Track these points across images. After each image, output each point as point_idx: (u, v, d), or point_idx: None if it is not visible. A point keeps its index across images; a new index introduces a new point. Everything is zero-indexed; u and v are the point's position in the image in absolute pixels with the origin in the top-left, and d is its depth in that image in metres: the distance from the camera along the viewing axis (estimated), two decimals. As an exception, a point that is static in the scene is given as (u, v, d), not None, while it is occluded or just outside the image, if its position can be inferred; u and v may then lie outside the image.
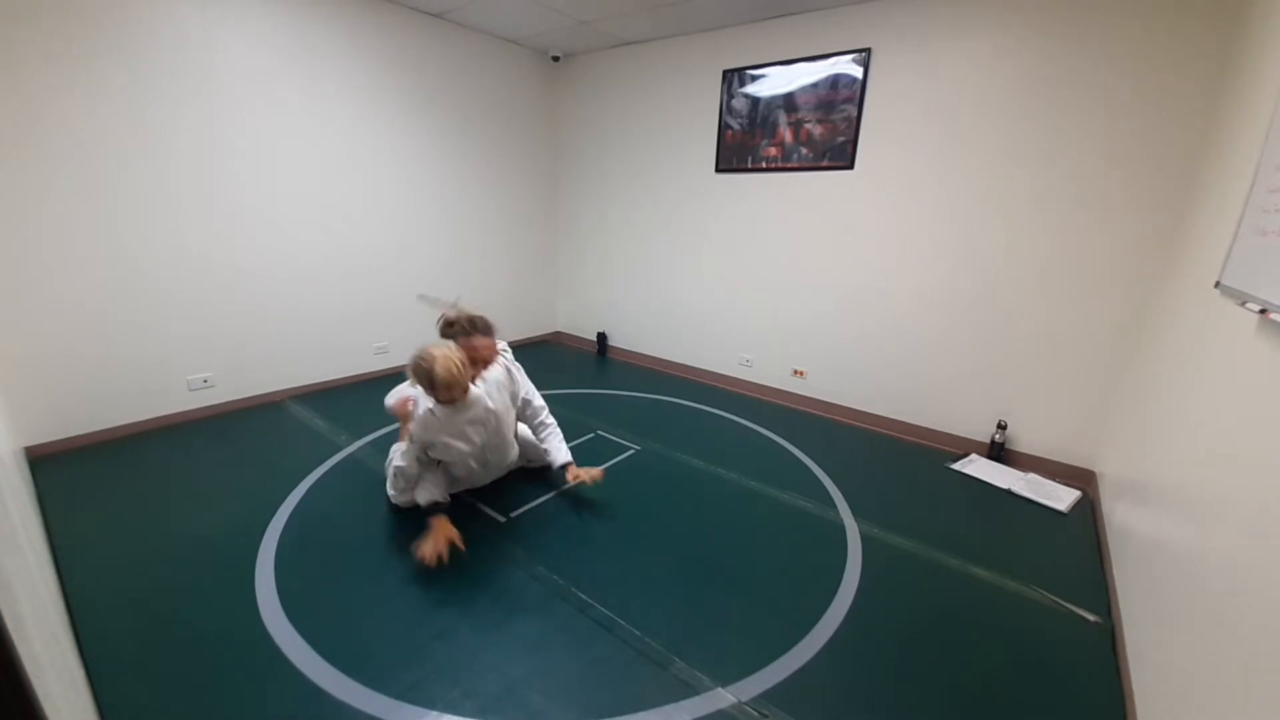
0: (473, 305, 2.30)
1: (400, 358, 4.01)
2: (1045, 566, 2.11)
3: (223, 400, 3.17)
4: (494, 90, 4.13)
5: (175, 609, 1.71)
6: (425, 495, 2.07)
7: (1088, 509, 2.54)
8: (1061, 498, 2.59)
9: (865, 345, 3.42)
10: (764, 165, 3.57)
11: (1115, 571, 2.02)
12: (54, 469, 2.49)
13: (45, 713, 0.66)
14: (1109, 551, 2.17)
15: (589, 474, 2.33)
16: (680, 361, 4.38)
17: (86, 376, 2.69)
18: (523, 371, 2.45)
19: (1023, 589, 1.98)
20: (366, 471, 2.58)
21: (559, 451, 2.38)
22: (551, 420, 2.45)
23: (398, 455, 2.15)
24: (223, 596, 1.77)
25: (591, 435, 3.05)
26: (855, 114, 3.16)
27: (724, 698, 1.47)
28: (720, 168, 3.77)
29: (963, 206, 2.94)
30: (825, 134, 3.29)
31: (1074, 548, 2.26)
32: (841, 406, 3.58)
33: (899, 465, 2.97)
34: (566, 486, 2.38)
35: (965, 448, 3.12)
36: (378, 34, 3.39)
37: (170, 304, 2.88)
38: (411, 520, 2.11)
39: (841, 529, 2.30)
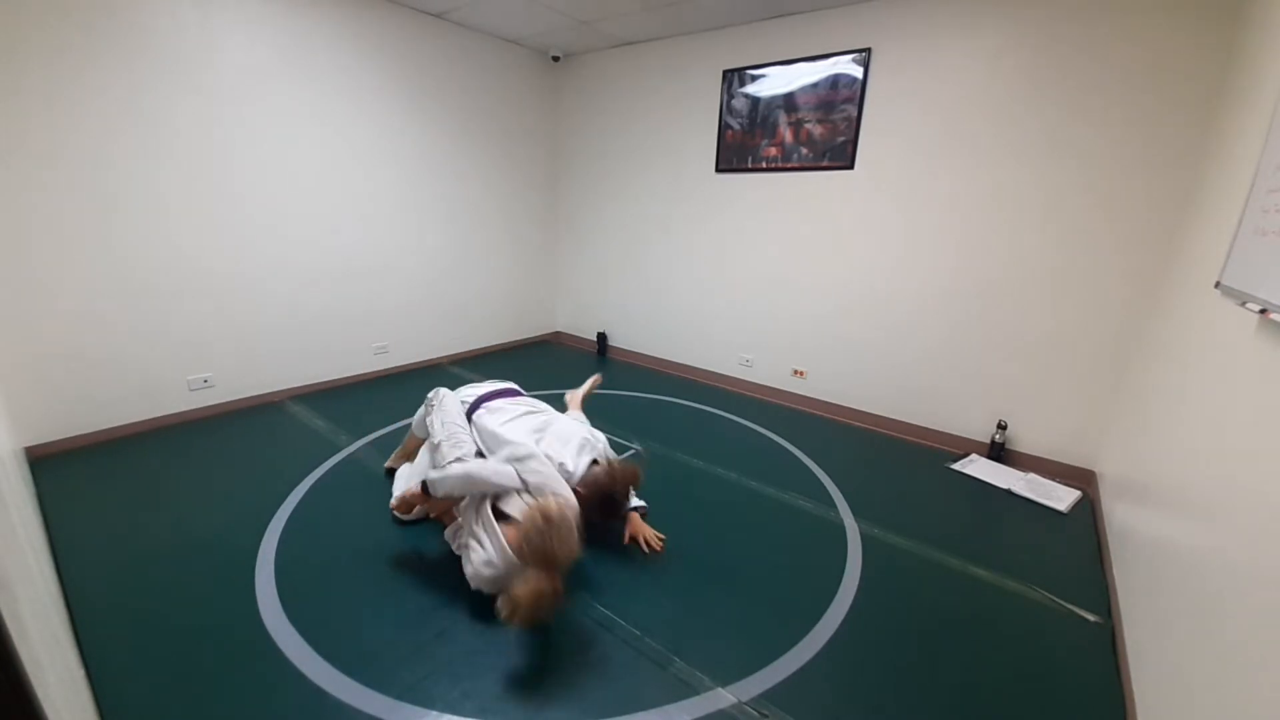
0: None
1: (400, 358, 4.06)
2: (1045, 566, 2.11)
3: (223, 400, 3.17)
4: (494, 90, 4.13)
5: (175, 609, 1.71)
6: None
7: (1088, 509, 2.54)
8: (1061, 498, 2.59)
9: (866, 345, 3.42)
10: (764, 165, 3.57)
11: (1115, 571, 2.02)
12: (54, 469, 2.49)
13: (45, 713, 0.66)
14: (1109, 551, 2.17)
15: (650, 537, 2.05)
16: (680, 361, 4.38)
17: (87, 377, 2.69)
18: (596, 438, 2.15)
19: (1023, 589, 1.98)
20: (366, 472, 2.58)
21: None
22: None
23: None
24: (223, 597, 1.77)
25: (591, 435, 3.05)
26: (855, 114, 3.16)
27: (724, 698, 1.47)
28: (720, 168, 3.77)
29: (963, 206, 2.94)
30: (825, 134, 3.29)
31: (1074, 548, 2.26)
32: (841, 406, 3.58)
33: (899, 465, 2.97)
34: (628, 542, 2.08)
35: (965, 448, 3.12)
36: (377, 34, 3.39)
37: (170, 304, 2.88)
38: (412, 522, 2.12)
39: (841, 529, 2.30)
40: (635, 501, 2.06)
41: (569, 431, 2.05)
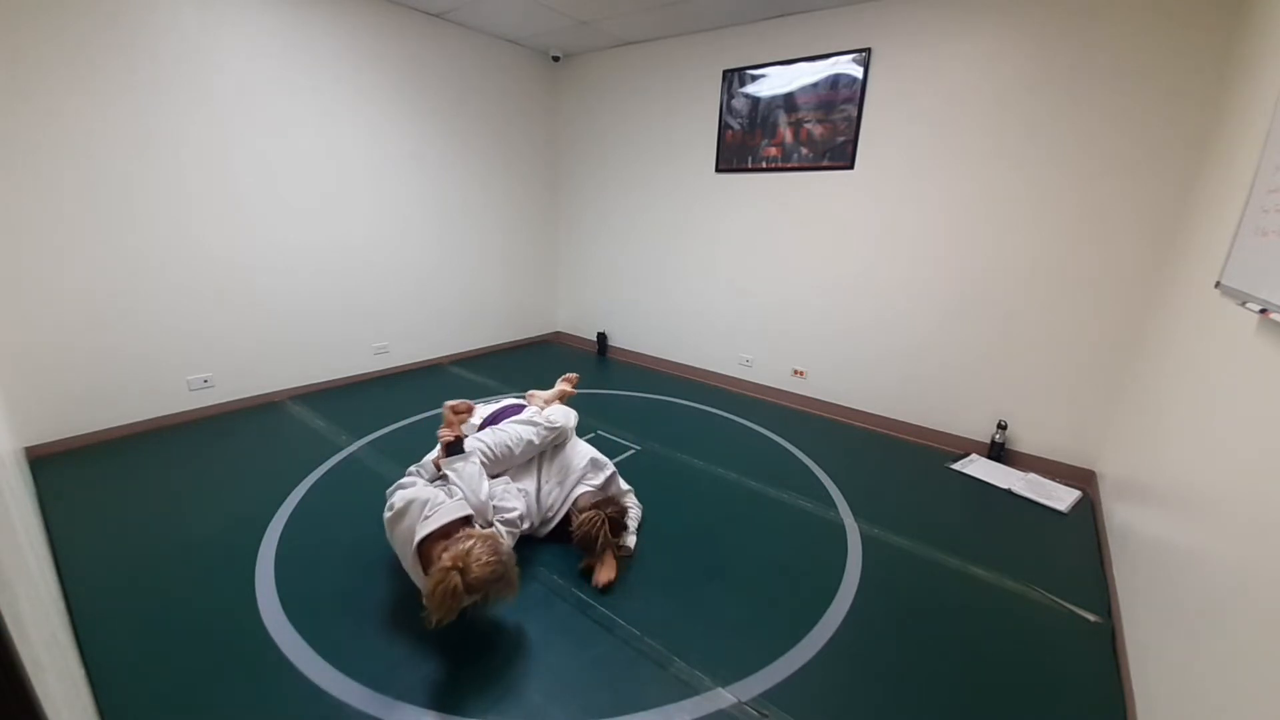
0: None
1: (400, 358, 4.06)
2: (1045, 566, 2.11)
3: (223, 400, 3.17)
4: (494, 90, 4.13)
5: (175, 609, 1.71)
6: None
7: (1088, 509, 2.54)
8: (1061, 498, 2.59)
9: (865, 345, 3.42)
10: (764, 165, 3.57)
11: (1115, 571, 2.02)
12: (54, 469, 2.49)
13: (45, 713, 0.66)
14: (1109, 551, 2.17)
15: (602, 576, 1.87)
16: (680, 361, 4.38)
17: (87, 377, 2.69)
18: (611, 478, 2.19)
19: (1023, 589, 1.98)
20: (367, 472, 2.58)
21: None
22: (637, 508, 2.22)
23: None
24: (223, 597, 1.77)
25: (592, 435, 3.05)
26: (855, 114, 3.16)
27: (724, 698, 1.47)
28: (720, 168, 3.77)
29: (963, 207, 2.94)
30: (825, 134, 3.29)
31: (1074, 548, 2.26)
32: (841, 406, 3.58)
33: (899, 465, 2.97)
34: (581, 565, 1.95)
35: (965, 448, 3.12)
36: (377, 34, 3.39)
37: (170, 305, 2.88)
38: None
39: (841, 529, 2.30)
40: (630, 539, 2.03)
41: (567, 464, 2.14)
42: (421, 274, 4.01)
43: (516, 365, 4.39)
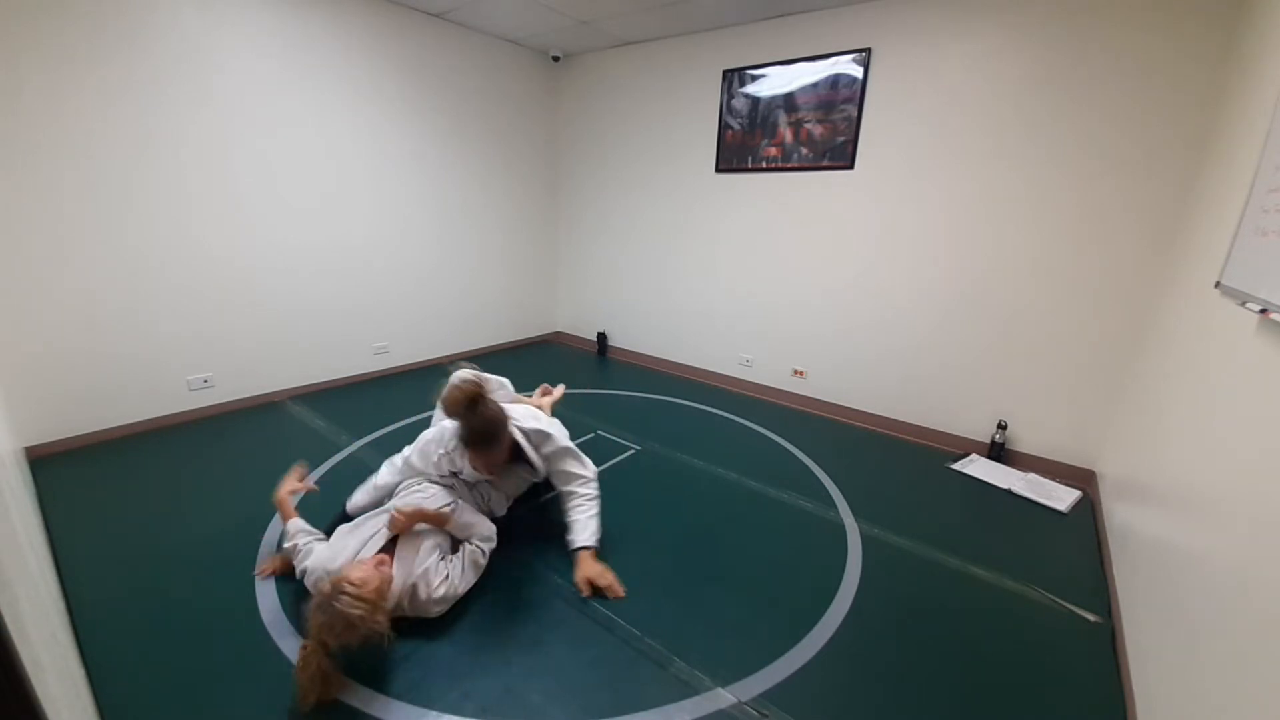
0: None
1: (400, 358, 4.06)
2: (1045, 566, 2.11)
3: (223, 400, 3.17)
4: (494, 90, 4.13)
5: (175, 609, 1.71)
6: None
7: (1088, 509, 2.54)
8: (1061, 498, 2.59)
9: (865, 345, 3.42)
10: (764, 165, 3.57)
11: (1115, 571, 2.02)
12: (54, 469, 2.49)
13: (45, 713, 0.66)
14: (1109, 551, 2.17)
15: (608, 583, 1.82)
16: (680, 361, 4.38)
17: (87, 377, 2.69)
18: (541, 433, 1.97)
19: (1023, 589, 1.98)
20: (367, 472, 2.56)
21: (579, 530, 1.92)
22: (587, 490, 2.00)
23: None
24: (223, 597, 1.77)
25: (591, 435, 3.05)
26: (855, 114, 3.16)
27: (724, 698, 1.47)
28: (720, 168, 3.77)
29: (963, 207, 2.94)
30: (825, 134, 3.29)
31: (1074, 548, 2.26)
32: (841, 406, 3.58)
33: (899, 465, 2.97)
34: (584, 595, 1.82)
35: (965, 448, 3.12)
36: (377, 34, 3.39)
37: (170, 305, 2.88)
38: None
39: (841, 529, 2.30)
40: (585, 540, 1.89)
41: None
42: (421, 274, 4.01)
43: (516, 365, 4.39)
